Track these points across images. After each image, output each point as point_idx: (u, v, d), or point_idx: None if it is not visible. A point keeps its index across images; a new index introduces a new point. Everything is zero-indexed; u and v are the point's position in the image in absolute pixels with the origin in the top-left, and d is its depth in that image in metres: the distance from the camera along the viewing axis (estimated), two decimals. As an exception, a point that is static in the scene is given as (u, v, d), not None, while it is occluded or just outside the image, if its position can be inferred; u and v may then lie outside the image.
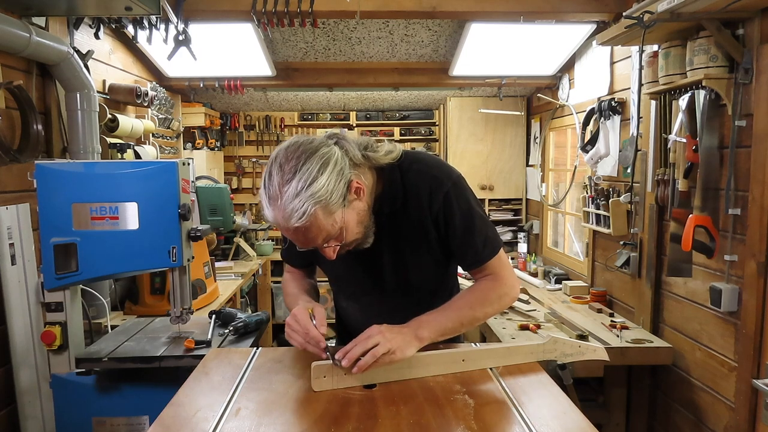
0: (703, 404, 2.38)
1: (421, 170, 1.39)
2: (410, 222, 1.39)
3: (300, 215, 1.13)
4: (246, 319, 2.02)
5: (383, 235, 1.38)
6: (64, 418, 1.83)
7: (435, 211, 1.37)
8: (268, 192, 1.17)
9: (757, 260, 2.00)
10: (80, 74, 2.49)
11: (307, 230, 1.17)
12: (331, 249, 1.26)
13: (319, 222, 1.17)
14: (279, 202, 1.14)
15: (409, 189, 1.38)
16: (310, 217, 1.14)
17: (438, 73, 4.13)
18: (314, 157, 1.16)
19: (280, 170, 1.16)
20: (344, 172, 1.21)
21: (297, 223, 1.14)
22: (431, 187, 1.37)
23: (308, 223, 1.15)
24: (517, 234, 4.63)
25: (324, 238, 1.21)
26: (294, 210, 1.13)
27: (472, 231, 1.39)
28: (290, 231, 1.18)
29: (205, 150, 4.62)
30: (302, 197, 1.13)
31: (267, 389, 1.22)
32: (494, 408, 1.12)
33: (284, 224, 1.17)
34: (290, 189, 1.13)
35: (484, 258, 1.41)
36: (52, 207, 1.76)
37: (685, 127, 2.28)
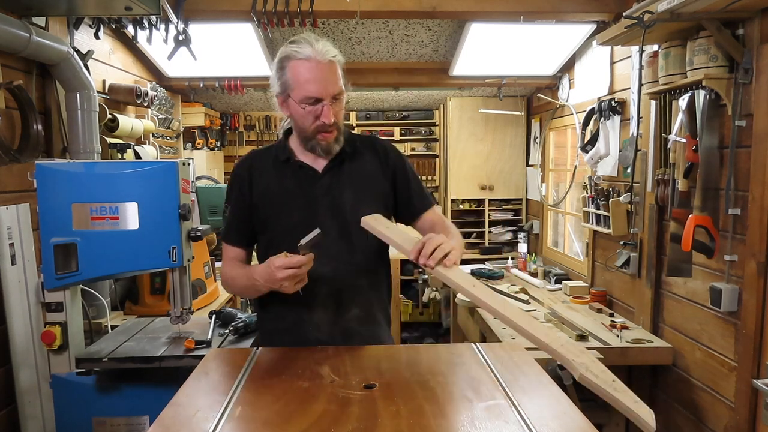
0: (703, 404, 2.38)
1: (369, 135, 1.74)
2: (368, 166, 1.61)
3: (333, 53, 1.47)
4: (246, 319, 2.02)
5: (345, 172, 1.58)
6: (64, 418, 1.83)
7: (391, 164, 1.63)
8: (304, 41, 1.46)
9: (757, 260, 2.00)
10: (80, 74, 2.49)
11: (332, 69, 1.46)
12: (333, 109, 1.48)
13: (338, 71, 1.48)
14: (318, 43, 1.45)
15: (361, 141, 1.65)
16: (337, 61, 1.47)
17: (438, 73, 4.13)
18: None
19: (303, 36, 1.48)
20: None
21: (330, 57, 1.45)
22: (384, 146, 1.67)
23: (335, 65, 1.47)
24: (517, 234, 4.63)
25: (338, 87, 1.47)
26: (330, 49, 1.47)
27: (419, 183, 1.69)
28: (323, 64, 1.45)
29: (205, 150, 4.62)
30: (329, 46, 1.48)
31: (267, 389, 1.22)
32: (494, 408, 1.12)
33: (322, 58, 1.44)
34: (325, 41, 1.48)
35: (430, 203, 1.69)
36: (52, 207, 1.76)
37: (685, 127, 2.28)
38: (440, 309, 5.05)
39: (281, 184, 1.57)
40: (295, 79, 1.45)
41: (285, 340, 1.56)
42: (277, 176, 1.58)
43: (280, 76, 1.49)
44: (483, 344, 1.51)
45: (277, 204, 1.56)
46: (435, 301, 5.05)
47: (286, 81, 1.47)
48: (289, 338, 1.56)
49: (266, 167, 1.60)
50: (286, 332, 1.58)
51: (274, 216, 1.57)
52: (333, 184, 1.56)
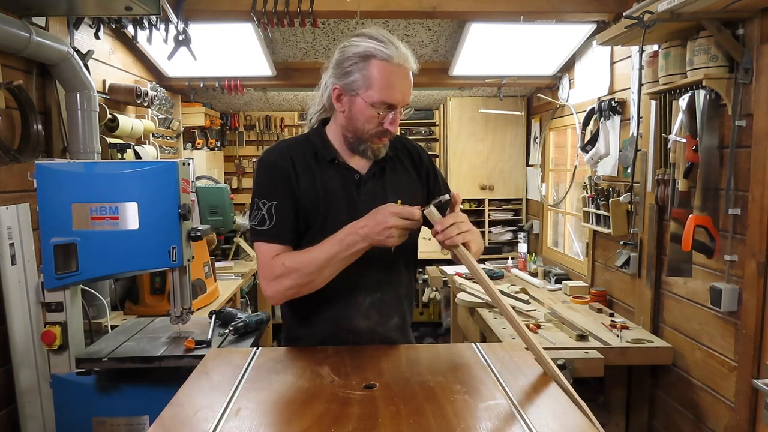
0: (703, 404, 2.38)
1: (402, 136, 1.67)
2: (406, 169, 1.58)
3: (414, 62, 1.41)
4: (246, 319, 2.02)
5: (387, 177, 1.53)
6: (64, 418, 1.83)
7: (425, 166, 1.61)
8: (392, 41, 1.38)
9: (757, 260, 2.00)
10: (80, 74, 2.49)
11: (411, 78, 1.41)
12: (398, 116, 1.43)
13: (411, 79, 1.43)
14: (402, 47, 1.39)
15: (399, 142, 1.59)
16: (415, 67, 1.42)
17: (438, 73, 4.13)
18: None
19: (385, 33, 1.41)
20: None
21: (413, 67, 1.41)
22: (417, 147, 1.64)
23: (412, 74, 1.42)
24: (517, 234, 4.63)
25: (410, 97, 1.43)
26: (412, 57, 1.41)
27: (447, 188, 1.65)
28: (408, 72, 1.40)
29: (205, 150, 4.62)
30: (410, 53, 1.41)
31: (267, 389, 1.22)
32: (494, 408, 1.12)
33: (408, 64, 1.39)
34: (402, 44, 1.41)
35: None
36: (52, 207, 1.76)
37: (685, 127, 2.28)
38: (440, 309, 5.05)
39: (326, 185, 1.46)
40: (375, 79, 1.35)
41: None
42: (321, 176, 1.46)
43: (353, 70, 1.37)
44: (483, 344, 1.51)
45: (322, 206, 1.45)
46: (435, 301, 5.05)
47: (360, 78, 1.36)
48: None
49: (308, 164, 1.47)
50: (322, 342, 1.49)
51: (319, 218, 1.45)
52: (377, 189, 1.49)
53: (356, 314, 1.48)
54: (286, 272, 1.39)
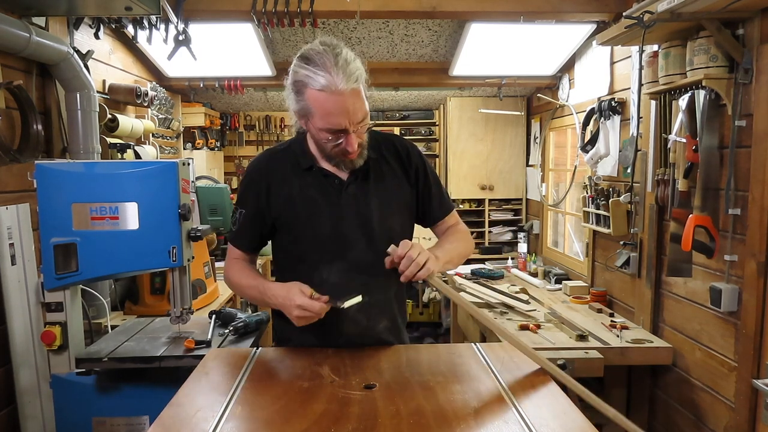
0: (703, 404, 2.38)
1: (390, 134, 1.66)
2: (392, 169, 1.55)
3: (356, 78, 1.32)
4: (246, 319, 2.02)
5: (371, 180, 1.52)
6: (64, 418, 1.83)
7: (414, 165, 1.58)
8: (324, 62, 1.30)
9: (757, 260, 2.00)
10: (80, 74, 2.49)
11: (355, 96, 1.33)
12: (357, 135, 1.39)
13: (361, 94, 1.36)
14: (337, 64, 1.30)
15: (383, 142, 1.57)
16: (362, 82, 1.35)
17: (438, 73, 4.13)
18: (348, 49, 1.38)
19: (326, 46, 1.33)
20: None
21: (354, 85, 1.31)
22: (406, 146, 1.60)
23: (357, 90, 1.33)
24: (517, 234, 4.63)
25: (364, 112, 1.37)
26: (351, 73, 1.31)
27: (440, 186, 1.65)
28: (346, 95, 1.31)
29: (205, 150, 4.62)
30: (353, 66, 1.33)
31: (267, 389, 1.22)
32: (494, 408, 1.12)
33: (344, 87, 1.30)
34: (342, 58, 1.32)
35: (450, 207, 1.66)
36: (52, 207, 1.76)
37: (685, 127, 2.28)
38: (440, 309, 5.05)
39: (305, 193, 1.49)
40: (315, 108, 1.34)
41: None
42: (300, 184, 1.49)
43: (298, 100, 1.37)
44: (483, 344, 1.51)
45: (303, 214, 1.49)
46: (435, 301, 5.06)
47: (305, 106, 1.36)
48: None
49: (286, 173, 1.51)
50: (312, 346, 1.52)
51: (300, 227, 1.50)
52: (359, 194, 1.50)
53: (344, 320, 1.49)
54: (229, 280, 1.59)
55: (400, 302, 1.63)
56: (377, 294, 1.52)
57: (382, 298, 1.54)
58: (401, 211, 1.56)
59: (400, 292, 1.63)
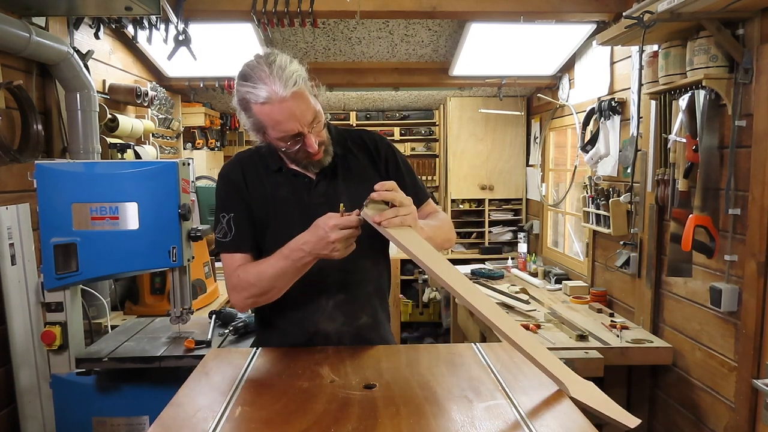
0: (703, 404, 2.38)
1: (357, 129, 1.66)
2: (360, 164, 1.54)
3: (294, 82, 1.30)
4: (246, 319, 2.02)
5: (339, 174, 1.51)
6: (64, 418, 1.83)
7: (383, 157, 1.56)
8: (259, 75, 1.30)
9: (757, 260, 2.00)
10: (80, 74, 2.49)
11: (301, 94, 1.32)
12: (313, 136, 1.37)
13: (305, 96, 1.34)
14: (273, 73, 1.30)
15: (351, 137, 1.57)
16: (302, 82, 1.32)
17: (438, 73, 4.13)
18: (283, 54, 1.37)
19: (261, 59, 1.34)
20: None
21: (293, 88, 1.29)
22: (374, 138, 1.59)
23: (299, 93, 1.31)
24: (517, 234, 4.63)
25: (312, 113, 1.35)
26: (288, 77, 1.30)
27: (413, 175, 1.62)
28: (289, 100, 1.30)
29: (205, 150, 4.62)
30: (290, 70, 1.31)
31: (267, 389, 1.22)
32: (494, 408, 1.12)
33: (283, 91, 1.29)
34: (276, 65, 1.31)
35: (426, 195, 1.64)
36: (52, 207, 1.76)
37: (685, 127, 2.28)
38: (440, 309, 5.05)
39: (276, 193, 1.49)
40: (264, 121, 1.35)
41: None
42: (271, 185, 1.50)
43: (248, 117, 1.38)
44: (483, 344, 1.51)
45: (276, 213, 1.49)
46: (435, 301, 5.05)
47: (255, 122, 1.37)
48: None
49: (258, 174, 1.51)
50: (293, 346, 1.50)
51: (275, 226, 1.49)
52: (329, 191, 1.49)
53: (321, 317, 1.49)
54: (242, 285, 1.44)
55: (381, 298, 1.60)
56: (354, 290, 1.52)
57: (359, 294, 1.53)
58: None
59: (380, 288, 1.60)
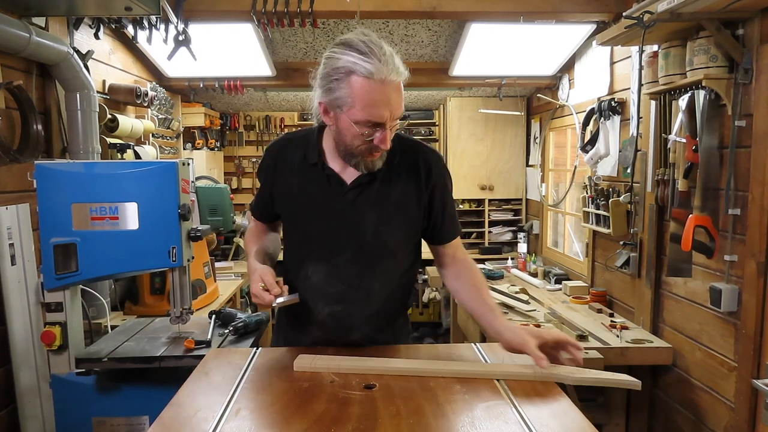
0: (703, 404, 2.38)
1: (417, 141, 1.53)
2: (401, 185, 1.45)
3: (402, 72, 1.29)
4: (246, 319, 2.02)
5: (373, 190, 1.44)
6: (64, 418, 1.83)
7: (432, 184, 1.47)
8: (374, 51, 1.25)
9: (757, 260, 2.00)
10: (80, 74, 2.49)
11: (400, 90, 1.31)
12: (391, 130, 1.34)
13: (402, 90, 1.32)
14: (385, 56, 1.26)
15: (404, 151, 1.46)
16: (404, 80, 1.31)
17: (438, 73, 4.13)
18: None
19: (369, 38, 1.29)
20: None
21: (402, 78, 1.29)
22: (432, 158, 1.49)
23: (401, 85, 1.31)
24: (517, 234, 4.63)
25: (402, 110, 1.33)
26: (399, 66, 1.29)
27: (453, 209, 1.55)
28: (393, 86, 1.28)
29: (205, 150, 4.62)
30: (398, 61, 1.30)
31: (267, 389, 1.22)
32: (494, 408, 1.12)
33: (393, 77, 1.27)
34: (387, 51, 1.28)
35: (457, 232, 1.57)
36: (52, 207, 1.76)
37: (685, 127, 2.28)
38: (440, 309, 5.05)
39: (305, 189, 1.46)
40: (356, 97, 1.26)
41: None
42: (302, 179, 1.46)
43: (335, 86, 1.28)
44: (483, 344, 1.51)
45: (298, 209, 1.48)
46: (435, 301, 5.06)
47: (343, 96, 1.27)
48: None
49: (293, 164, 1.47)
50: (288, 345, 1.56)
51: (294, 220, 1.51)
52: (359, 201, 1.43)
53: (313, 323, 1.50)
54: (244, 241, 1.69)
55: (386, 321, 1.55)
56: (354, 306, 1.47)
57: (358, 310, 1.48)
58: (404, 229, 1.48)
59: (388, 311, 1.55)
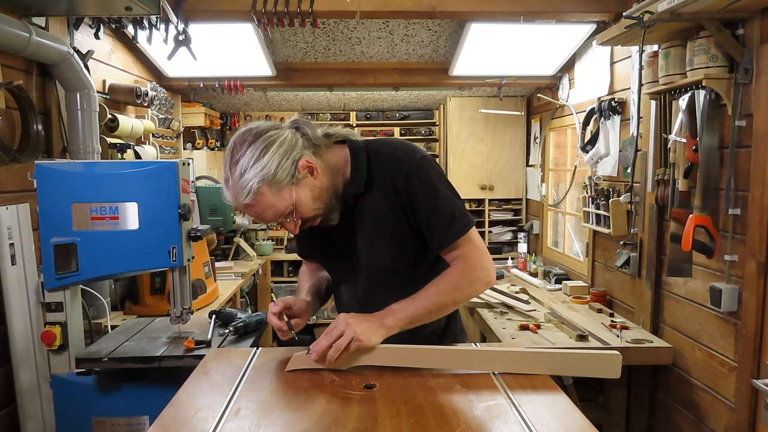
0: (703, 404, 2.38)
1: (387, 152, 1.42)
2: (379, 204, 1.41)
3: (247, 193, 1.25)
4: (246, 319, 2.02)
5: (355, 216, 1.44)
6: (64, 418, 1.83)
7: (400, 193, 1.39)
8: (224, 175, 1.30)
9: (757, 260, 2.00)
10: (80, 74, 2.49)
11: (256, 206, 1.29)
12: (292, 224, 1.34)
13: (267, 199, 1.27)
14: (230, 182, 1.27)
15: (375, 171, 1.41)
16: (257, 195, 1.26)
17: (438, 73, 4.13)
18: (259, 140, 1.27)
19: (230, 155, 1.28)
20: (292, 152, 1.29)
21: (246, 200, 1.27)
22: (395, 169, 1.39)
23: (255, 200, 1.27)
24: (517, 234, 4.63)
25: (274, 213, 1.30)
26: (242, 188, 1.25)
27: (435, 210, 1.37)
28: (242, 208, 1.30)
29: (205, 150, 4.62)
30: (247, 177, 1.25)
31: (267, 389, 1.22)
32: (494, 408, 1.11)
33: (236, 203, 1.29)
34: (237, 170, 1.26)
35: (450, 237, 1.38)
36: (52, 207, 1.76)
37: (685, 127, 2.28)
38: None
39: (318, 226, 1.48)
40: None
41: None
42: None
43: None
44: (483, 344, 1.51)
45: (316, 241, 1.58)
46: (435, 301, 5.05)
47: None
48: None
49: None
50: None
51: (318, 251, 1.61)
52: (346, 232, 1.47)
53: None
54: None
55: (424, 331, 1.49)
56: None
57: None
58: (394, 246, 1.44)
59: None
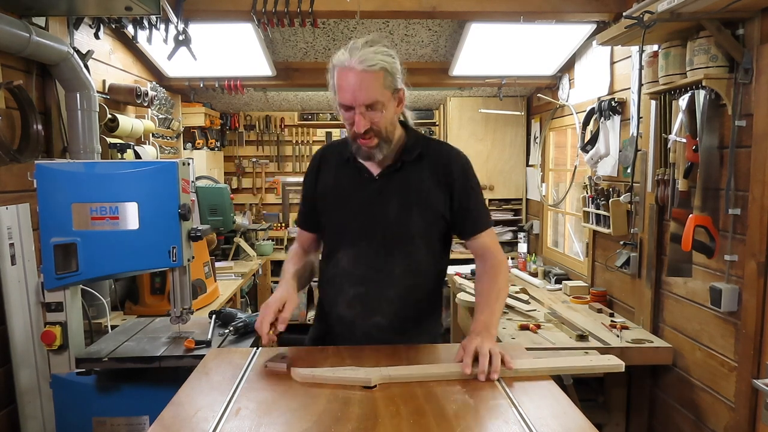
0: (703, 404, 2.38)
1: (441, 142, 1.70)
2: (424, 177, 1.58)
3: (370, 63, 1.40)
4: (246, 319, 2.02)
5: (397, 180, 1.57)
6: (65, 418, 1.83)
7: (454, 177, 1.59)
8: (350, 48, 1.43)
9: (757, 260, 2.00)
10: (80, 74, 2.49)
11: (364, 79, 1.41)
12: (366, 119, 1.44)
13: (375, 82, 1.42)
14: (359, 51, 1.41)
15: (430, 149, 1.61)
16: (374, 72, 1.41)
17: (438, 73, 4.13)
18: (393, 51, 1.50)
19: (364, 41, 1.44)
20: (401, 77, 1.51)
21: (363, 67, 1.40)
22: (452, 156, 1.62)
23: (368, 74, 1.40)
24: (517, 234, 4.63)
25: (367, 96, 1.42)
26: (369, 58, 1.41)
27: (476, 201, 1.63)
28: (355, 73, 1.41)
29: (205, 150, 4.62)
30: (378, 56, 1.42)
31: (267, 389, 1.22)
32: (494, 408, 1.12)
33: (354, 65, 1.40)
34: (372, 48, 1.43)
35: (484, 226, 1.63)
36: (52, 207, 1.76)
37: (685, 127, 2.28)
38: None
39: (339, 182, 1.62)
40: (335, 84, 1.48)
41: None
42: (338, 174, 1.63)
43: (331, 79, 1.51)
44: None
45: (331, 202, 1.62)
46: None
47: (333, 85, 1.50)
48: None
49: (333, 162, 1.66)
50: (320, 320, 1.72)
51: (326, 213, 1.65)
52: (384, 190, 1.57)
53: (342, 302, 1.61)
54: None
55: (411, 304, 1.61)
56: (376, 289, 1.57)
57: (379, 293, 1.58)
58: (425, 216, 1.58)
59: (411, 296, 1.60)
